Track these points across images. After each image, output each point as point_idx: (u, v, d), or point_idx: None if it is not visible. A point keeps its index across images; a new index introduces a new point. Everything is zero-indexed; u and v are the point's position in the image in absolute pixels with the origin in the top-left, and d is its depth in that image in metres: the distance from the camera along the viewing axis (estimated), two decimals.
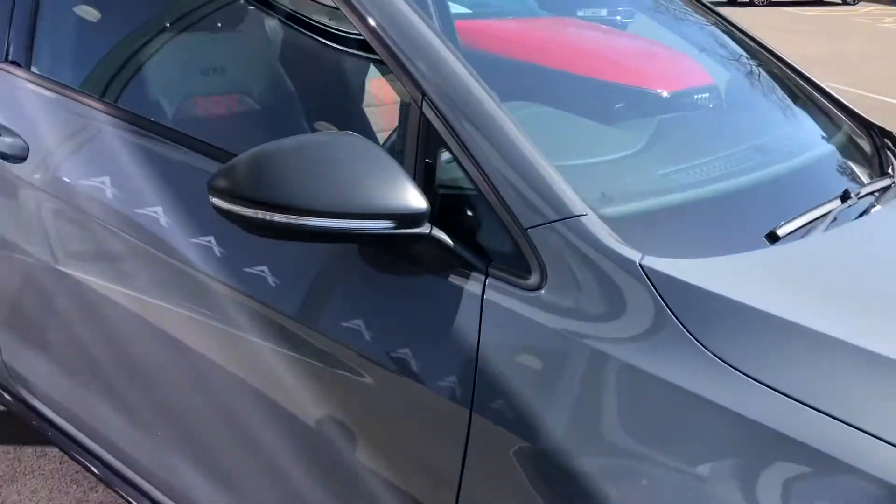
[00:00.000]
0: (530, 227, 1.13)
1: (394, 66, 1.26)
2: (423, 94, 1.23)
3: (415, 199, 1.12)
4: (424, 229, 1.14)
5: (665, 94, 2.00)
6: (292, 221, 1.10)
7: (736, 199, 1.40)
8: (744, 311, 1.06)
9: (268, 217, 1.11)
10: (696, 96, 2.04)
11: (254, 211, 1.11)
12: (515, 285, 1.14)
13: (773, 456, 0.95)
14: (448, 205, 1.21)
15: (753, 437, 0.96)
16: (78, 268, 1.68)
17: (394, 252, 1.23)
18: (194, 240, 1.43)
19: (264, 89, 1.82)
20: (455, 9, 2.37)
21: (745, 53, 2.05)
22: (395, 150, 1.30)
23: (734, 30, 2.09)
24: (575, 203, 1.14)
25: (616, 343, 1.07)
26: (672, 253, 1.14)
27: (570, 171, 1.22)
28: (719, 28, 2.10)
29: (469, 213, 1.20)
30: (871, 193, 1.52)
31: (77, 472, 2.18)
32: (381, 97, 1.53)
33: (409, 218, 1.12)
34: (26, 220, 1.79)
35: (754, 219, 1.36)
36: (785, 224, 1.30)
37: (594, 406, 1.06)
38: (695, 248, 1.19)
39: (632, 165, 1.49)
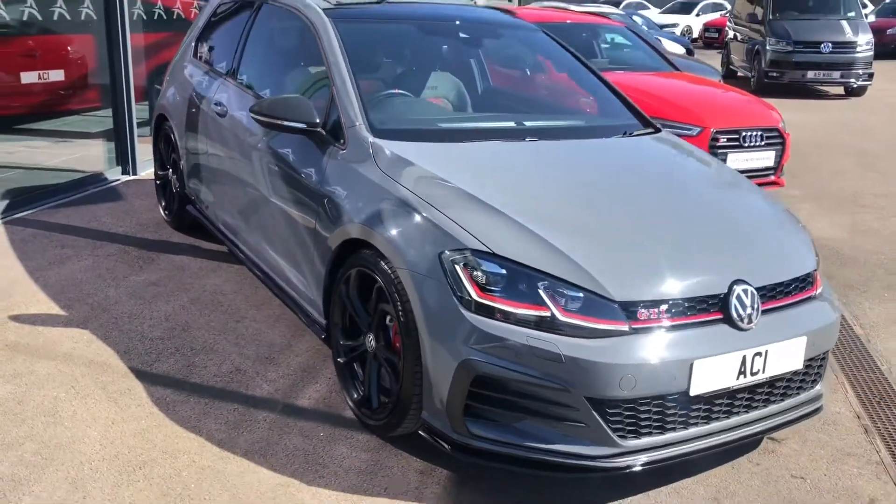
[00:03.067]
0: (349, 128, 3.30)
1: (331, 78, 3.50)
2: (334, 86, 3.45)
3: (315, 118, 3.35)
4: (318, 129, 3.36)
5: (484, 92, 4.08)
6: (277, 122, 3.39)
7: (460, 132, 3.45)
8: (393, 156, 3.14)
9: (269, 121, 3.40)
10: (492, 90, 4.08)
11: (266, 119, 3.40)
12: (340, 147, 3.31)
13: (384, 202, 3.00)
14: (331, 124, 3.41)
15: (386, 196, 3.01)
16: (235, 159, 4.10)
17: (312, 139, 3.44)
18: (264, 142, 3.77)
19: (293, 87, 4.11)
20: None
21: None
22: (322, 104, 3.50)
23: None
24: (359, 119, 3.30)
25: (357, 164, 3.20)
26: (396, 138, 3.23)
27: (376, 112, 3.38)
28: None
29: (333, 125, 3.39)
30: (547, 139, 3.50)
31: (244, 273, 4.57)
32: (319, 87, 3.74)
33: (312, 124, 3.36)
34: (223, 140, 4.25)
35: (458, 139, 3.38)
36: (469, 141, 3.34)
37: (349, 181, 3.20)
38: (413, 138, 3.27)
39: (414, 115, 3.70)
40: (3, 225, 5.22)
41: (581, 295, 2.58)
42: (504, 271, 2.62)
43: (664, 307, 2.63)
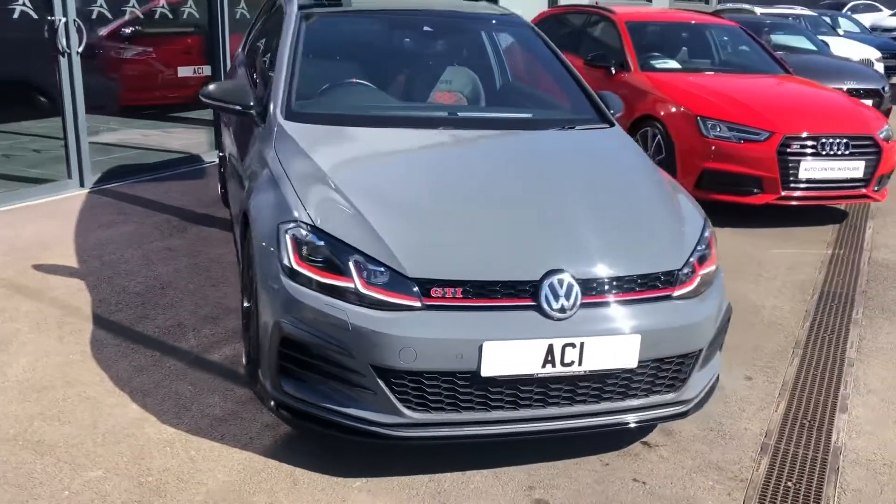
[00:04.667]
0: (270, 111, 3.61)
1: (275, 66, 3.82)
2: (273, 72, 3.77)
3: (251, 101, 3.69)
4: (251, 111, 3.70)
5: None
6: (219, 104, 3.76)
7: (376, 118, 3.63)
8: (287, 137, 3.39)
9: (214, 103, 3.78)
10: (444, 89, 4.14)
11: (212, 101, 3.79)
12: (264, 127, 3.61)
13: (264, 177, 3.27)
14: (261, 106, 3.72)
15: (267, 172, 3.29)
16: (230, 141, 4.52)
17: (249, 121, 3.78)
18: (235, 125, 4.16)
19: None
20: None
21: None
22: (263, 90, 3.83)
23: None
24: (279, 102, 3.58)
25: (265, 142, 3.49)
26: (307, 122, 3.48)
27: (313, 98, 3.66)
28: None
29: (263, 107, 3.70)
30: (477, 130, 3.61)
31: None
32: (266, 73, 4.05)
33: (248, 106, 3.70)
34: (230, 123, 4.70)
35: (369, 124, 3.57)
36: (378, 127, 3.53)
37: (259, 158, 3.49)
38: (324, 122, 3.51)
39: (349, 102, 3.89)
40: (88, 194, 6.05)
41: (383, 270, 2.71)
42: (323, 244, 2.80)
43: (461, 288, 2.68)
